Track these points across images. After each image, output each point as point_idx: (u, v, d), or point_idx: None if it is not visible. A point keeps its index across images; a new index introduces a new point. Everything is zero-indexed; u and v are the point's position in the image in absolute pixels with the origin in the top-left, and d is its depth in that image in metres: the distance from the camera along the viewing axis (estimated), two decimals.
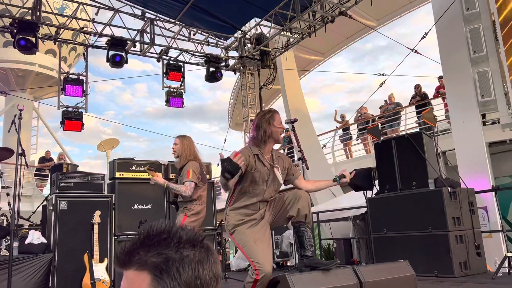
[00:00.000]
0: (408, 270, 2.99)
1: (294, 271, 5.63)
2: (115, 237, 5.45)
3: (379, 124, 9.09)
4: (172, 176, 6.17)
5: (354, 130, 12.57)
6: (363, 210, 6.48)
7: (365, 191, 5.93)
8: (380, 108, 11.68)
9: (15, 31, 7.34)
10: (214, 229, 6.30)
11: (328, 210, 7.61)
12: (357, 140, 12.27)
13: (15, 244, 4.65)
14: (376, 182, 5.71)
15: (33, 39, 7.29)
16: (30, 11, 7.68)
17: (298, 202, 2.84)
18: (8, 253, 4.83)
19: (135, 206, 5.71)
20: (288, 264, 7.60)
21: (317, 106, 62.25)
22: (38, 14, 7.58)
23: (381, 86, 9.02)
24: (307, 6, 8.03)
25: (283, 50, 9.76)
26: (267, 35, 9.64)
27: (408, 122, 10.87)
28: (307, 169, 2.98)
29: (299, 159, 3.16)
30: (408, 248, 4.88)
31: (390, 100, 11.34)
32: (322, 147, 11.71)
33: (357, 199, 7.06)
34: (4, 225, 5.61)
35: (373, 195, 5.69)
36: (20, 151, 4.27)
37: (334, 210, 7.51)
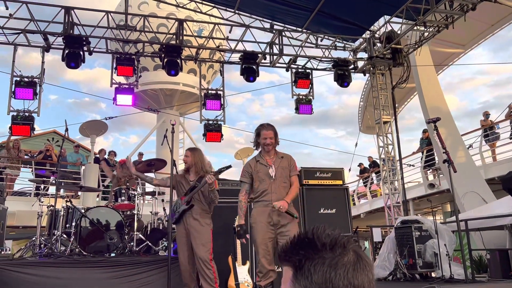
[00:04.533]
0: None
1: (441, 283, 5.19)
2: None
3: None
4: None
5: (505, 127, 11.12)
6: None
7: None
8: None
9: (163, 55, 8.30)
10: (350, 236, 6.17)
11: (479, 218, 6.84)
12: (510, 138, 10.82)
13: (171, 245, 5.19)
14: None
15: (178, 61, 8.15)
16: (174, 36, 8.61)
17: None
18: (165, 253, 5.43)
19: None
20: (433, 275, 7.02)
21: (455, 103, 56.74)
22: (181, 38, 8.45)
23: None
24: None
25: (416, 46, 9.15)
26: (398, 32, 9.16)
27: None
28: (454, 171, 2.72)
29: (444, 161, 2.92)
30: None
31: None
32: (468, 148, 10.60)
33: None
34: (161, 228, 6.31)
35: None
36: (173, 162, 4.77)
37: (487, 217, 6.72)
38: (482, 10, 8.53)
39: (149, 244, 5.72)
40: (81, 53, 7.78)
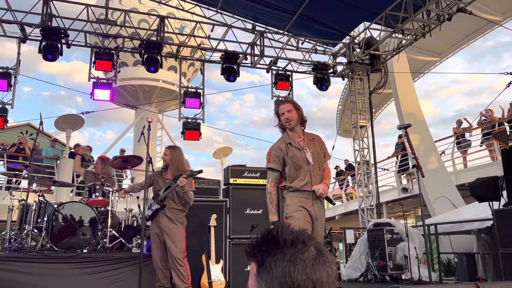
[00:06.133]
0: None
1: (410, 284, 5.34)
2: (230, 239, 5.74)
3: (507, 128, 8.17)
4: None
5: (477, 135, 11.48)
6: (489, 223, 5.89)
7: (490, 202, 5.38)
8: (509, 111, 10.49)
9: (143, 51, 8.23)
10: (323, 237, 6.26)
11: (448, 222, 7.06)
12: (481, 146, 11.17)
13: (144, 243, 5.16)
14: (504, 192, 5.15)
15: (158, 58, 8.10)
16: (155, 33, 8.55)
17: None
18: (139, 251, 5.40)
19: (247, 211, 5.96)
20: (403, 277, 7.20)
21: (431, 110, 58.28)
22: (162, 35, 8.40)
23: (509, 85, 8.13)
24: (420, 6, 7.61)
25: (394, 53, 9.36)
26: (377, 39, 9.34)
27: None
28: (423, 177, 2.83)
29: (413, 166, 3.02)
30: None
31: None
32: (441, 154, 10.89)
33: (481, 211, 6.44)
34: (135, 225, 6.27)
35: (501, 207, 5.14)
36: (148, 159, 4.76)
37: (455, 222, 6.94)
38: (458, 21, 8.80)
39: (123, 241, 5.67)
40: (59, 45, 7.64)
